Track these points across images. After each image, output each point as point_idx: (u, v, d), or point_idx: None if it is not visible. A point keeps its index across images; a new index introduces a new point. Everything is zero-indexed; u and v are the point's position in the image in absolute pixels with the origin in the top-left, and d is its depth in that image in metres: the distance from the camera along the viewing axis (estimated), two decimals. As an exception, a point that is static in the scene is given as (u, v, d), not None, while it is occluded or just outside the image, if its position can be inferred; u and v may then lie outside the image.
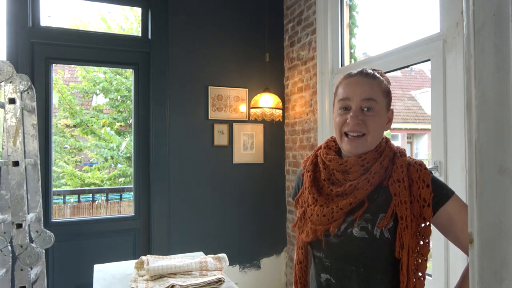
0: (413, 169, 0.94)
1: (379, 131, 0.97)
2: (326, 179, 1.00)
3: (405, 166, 0.94)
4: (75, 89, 5.99)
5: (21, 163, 1.68)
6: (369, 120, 0.95)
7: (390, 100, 1.01)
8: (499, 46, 0.38)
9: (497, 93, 0.39)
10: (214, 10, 3.01)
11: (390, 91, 1.01)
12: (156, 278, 1.49)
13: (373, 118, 0.95)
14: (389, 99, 1.00)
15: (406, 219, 0.89)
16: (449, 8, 1.66)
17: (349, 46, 2.61)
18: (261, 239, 3.15)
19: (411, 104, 9.03)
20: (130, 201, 5.13)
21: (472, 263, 0.39)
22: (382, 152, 0.97)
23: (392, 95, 1.02)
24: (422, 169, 0.93)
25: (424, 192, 0.90)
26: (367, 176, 0.93)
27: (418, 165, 0.94)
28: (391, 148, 0.99)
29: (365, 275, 0.92)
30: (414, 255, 0.90)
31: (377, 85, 0.97)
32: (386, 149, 0.98)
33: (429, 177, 0.92)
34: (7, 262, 1.62)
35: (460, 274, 1.59)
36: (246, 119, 3.08)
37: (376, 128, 0.96)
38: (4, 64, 1.67)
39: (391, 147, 1.00)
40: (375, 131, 0.96)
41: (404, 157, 0.96)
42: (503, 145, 0.39)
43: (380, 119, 0.97)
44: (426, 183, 0.91)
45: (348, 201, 0.93)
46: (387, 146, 0.99)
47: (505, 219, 0.40)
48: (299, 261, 1.08)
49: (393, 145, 1.02)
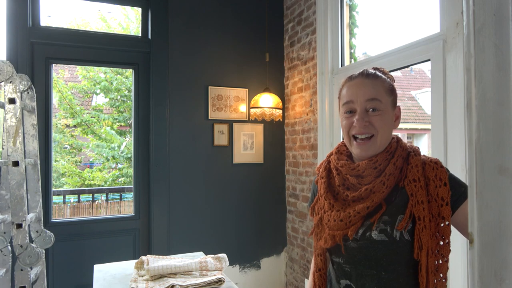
0: (429, 168, 0.91)
1: (387, 130, 0.95)
2: (341, 184, 0.99)
3: (420, 165, 0.92)
4: (75, 88, 5.99)
5: (21, 163, 1.68)
6: (376, 120, 0.94)
7: (396, 97, 0.99)
8: (499, 46, 0.38)
9: (497, 93, 0.39)
10: (214, 10, 3.01)
11: (394, 88, 0.99)
12: (156, 278, 1.49)
13: (380, 118, 0.94)
14: (394, 96, 0.98)
15: (424, 219, 0.87)
16: (449, 8, 1.66)
17: (349, 46, 2.61)
18: (261, 239, 3.15)
19: (411, 104, 9.03)
20: (130, 201, 5.13)
21: (472, 263, 0.39)
22: (394, 152, 0.95)
23: (396, 94, 1.01)
24: (439, 167, 0.91)
25: (442, 190, 0.88)
26: (381, 178, 0.92)
27: (434, 163, 0.91)
28: (403, 147, 0.97)
29: (386, 279, 0.90)
30: (433, 256, 0.89)
31: (379, 84, 0.96)
32: (398, 148, 0.96)
33: (446, 175, 0.89)
34: (7, 262, 1.62)
35: (460, 274, 1.59)
36: (246, 119, 3.08)
37: (384, 128, 0.94)
38: (4, 64, 1.67)
39: (404, 146, 0.98)
40: (383, 130, 0.94)
41: (418, 156, 0.94)
42: (503, 145, 0.39)
43: (387, 118, 0.95)
44: (444, 181, 0.88)
45: (365, 205, 0.91)
46: (399, 145, 0.97)
47: (505, 219, 0.40)
48: (318, 268, 1.05)
49: (405, 144, 0.99)
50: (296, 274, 3.05)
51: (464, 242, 1.57)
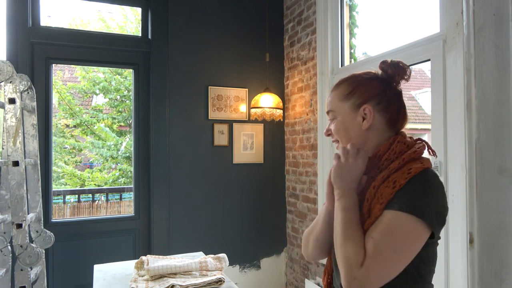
0: (401, 171, 0.89)
1: (350, 134, 0.98)
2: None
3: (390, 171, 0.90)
4: (74, 89, 5.99)
5: (21, 163, 1.68)
6: (335, 128, 1.00)
7: (359, 98, 0.97)
8: (499, 46, 0.38)
9: (497, 93, 0.39)
10: (214, 10, 3.01)
11: (354, 91, 0.97)
12: (156, 278, 1.50)
13: (335, 124, 1.00)
14: (355, 99, 0.97)
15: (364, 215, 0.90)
16: (449, 8, 1.66)
17: (349, 46, 2.61)
18: (261, 239, 3.15)
19: (411, 104, 9.01)
20: (130, 201, 5.13)
21: (472, 263, 0.40)
22: (382, 156, 0.94)
23: (367, 90, 0.97)
24: (406, 171, 0.87)
25: (387, 191, 0.87)
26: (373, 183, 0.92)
27: (409, 171, 0.87)
28: (396, 152, 0.93)
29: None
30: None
31: (335, 95, 1.01)
32: (388, 152, 0.93)
33: (404, 180, 0.86)
34: (7, 262, 1.62)
35: (460, 274, 1.59)
36: (246, 119, 3.08)
37: (341, 132, 0.99)
38: (4, 64, 1.67)
39: (399, 150, 0.93)
40: (340, 135, 0.99)
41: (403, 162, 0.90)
42: (503, 145, 0.39)
43: (344, 122, 0.98)
44: (396, 184, 0.86)
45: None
46: (391, 149, 0.93)
47: (505, 219, 0.40)
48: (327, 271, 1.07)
49: (405, 147, 0.93)
50: (296, 274, 3.05)
51: (464, 242, 1.57)
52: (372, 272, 0.80)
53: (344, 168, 0.93)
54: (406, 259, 0.82)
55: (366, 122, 0.95)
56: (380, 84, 0.97)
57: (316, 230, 1.04)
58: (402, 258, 0.82)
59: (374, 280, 0.81)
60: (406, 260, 0.82)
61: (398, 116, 0.97)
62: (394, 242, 0.81)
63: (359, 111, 0.96)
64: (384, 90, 0.97)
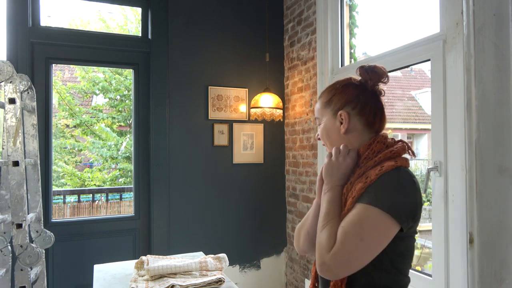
0: (374, 170, 0.94)
1: (329, 136, 1.08)
2: None
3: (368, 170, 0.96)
4: (74, 89, 5.99)
5: (21, 163, 1.68)
6: (320, 132, 1.11)
7: (337, 104, 1.05)
8: (499, 46, 0.38)
9: (497, 93, 0.39)
10: (214, 10, 3.01)
11: (332, 98, 1.07)
12: (156, 278, 1.50)
13: (321, 130, 1.10)
14: (333, 104, 1.06)
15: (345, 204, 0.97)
16: (449, 8, 1.66)
17: (349, 46, 2.61)
18: (261, 239, 3.15)
19: (411, 104, 9.02)
20: (130, 201, 5.13)
21: (472, 263, 0.40)
22: (361, 156, 1.01)
23: (342, 97, 1.05)
24: (379, 173, 0.93)
25: (359, 186, 0.93)
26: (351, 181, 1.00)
27: (381, 169, 0.93)
28: (375, 151, 0.99)
29: None
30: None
31: (318, 103, 1.11)
32: (368, 152, 1.00)
33: (374, 178, 0.92)
34: (7, 262, 1.62)
35: (460, 274, 1.59)
36: (246, 119, 3.08)
37: (324, 135, 1.09)
38: (4, 64, 1.67)
39: (377, 149, 0.99)
40: (324, 138, 1.10)
41: (370, 162, 0.98)
42: (503, 145, 0.39)
43: (327, 127, 1.08)
44: (368, 180, 0.92)
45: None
46: (370, 149, 1.00)
47: (505, 219, 0.40)
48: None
49: (383, 147, 0.99)
50: (296, 274, 3.05)
51: (464, 242, 1.57)
52: (338, 257, 0.87)
53: (334, 166, 1.01)
54: (373, 249, 0.88)
55: (343, 126, 1.03)
56: (355, 90, 1.05)
57: (307, 224, 1.10)
58: (368, 247, 0.88)
59: (341, 265, 0.88)
60: (373, 250, 0.88)
61: (375, 118, 1.03)
62: (361, 231, 0.87)
63: (337, 116, 1.04)
64: (359, 95, 1.03)
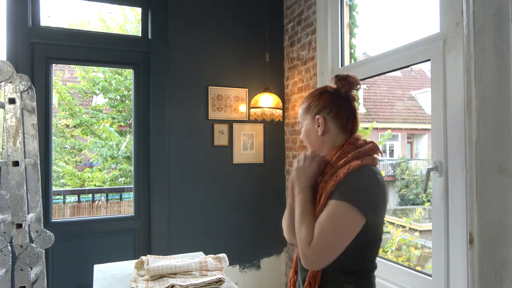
0: (343, 169, 1.08)
1: (311, 140, 1.23)
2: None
3: (337, 167, 1.10)
4: (74, 89, 5.99)
5: (21, 163, 1.68)
6: (302, 135, 1.27)
7: (314, 110, 1.20)
8: (499, 46, 0.38)
9: (497, 93, 0.39)
10: (214, 10, 3.01)
11: (310, 105, 1.22)
12: (156, 278, 1.50)
13: (303, 132, 1.25)
14: (311, 110, 1.21)
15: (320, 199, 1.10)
16: (449, 8, 1.66)
17: (349, 46, 2.61)
18: (261, 239, 3.15)
19: (411, 104, 9.02)
20: (130, 201, 5.13)
21: (472, 263, 0.40)
22: (334, 156, 1.15)
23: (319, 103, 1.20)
24: (347, 172, 1.06)
25: (331, 184, 1.07)
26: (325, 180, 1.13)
27: (349, 167, 1.07)
28: (346, 151, 1.13)
29: None
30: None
31: (300, 109, 1.27)
32: (339, 152, 1.14)
33: (343, 175, 1.05)
34: (7, 262, 1.62)
35: (460, 274, 1.59)
36: (246, 119, 3.08)
37: (305, 137, 1.25)
38: (4, 64, 1.67)
39: (348, 150, 1.13)
40: (305, 140, 1.25)
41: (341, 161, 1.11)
42: (503, 145, 0.39)
43: (307, 130, 1.23)
44: (338, 178, 1.06)
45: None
46: (342, 150, 1.14)
47: (505, 219, 0.40)
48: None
49: (354, 148, 1.13)
50: (296, 274, 3.05)
51: (464, 242, 1.57)
52: (317, 250, 1.01)
53: (301, 170, 1.15)
54: (345, 239, 1.02)
55: (320, 129, 1.18)
56: (330, 97, 1.20)
57: (286, 219, 1.32)
58: (342, 238, 1.02)
59: (320, 256, 1.01)
60: (345, 240, 1.02)
61: (348, 121, 1.18)
62: (335, 226, 1.01)
63: (315, 120, 1.19)
64: (333, 101, 1.19)
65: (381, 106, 8.38)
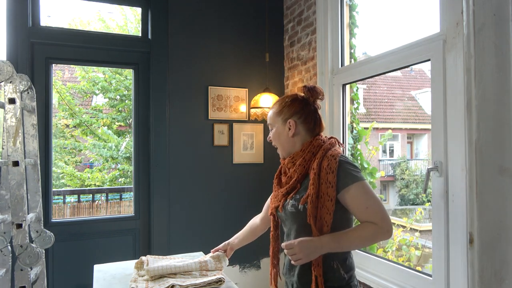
0: (326, 160, 1.26)
1: (280, 139, 1.41)
2: (283, 173, 1.47)
3: (320, 158, 1.28)
4: (74, 89, 5.98)
5: (21, 163, 1.68)
6: (272, 135, 1.44)
7: (286, 114, 1.38)
8: (499, 46, 0.38)
9: (497, 93, 0.39)
10: (214, 10, 3.01)
11: (282, 110, 1.39)
12: (156, 278, 1.50)
13: (274, 133, 1.42)
14: (283, 115, 1.39)
15: (312, 196, 1.24)
16: (449, 8, 1.66)
17: (349, 46, 2.61)
18: (261, 239, 3.14)
19: (411, 104, 9.02)
20: (130, 201, 5.13)
21: (472, 263, 0.39)
22: (306, 149, 1.34)
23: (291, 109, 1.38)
24: (332, 159, 1.25)
25: (330, 177, 1.23)
26: (295, 168, 1.35)
27: (330, 156, 1.26)
28: (315, 145, 1.33)
29: (297, 235, 1.33)
30: (320, 221, 1.25)
31: (271, 112, 1.43)
32: (309, 146, 1.33)
33: (335, 166, 1.24)
34: (7, 262, 1.62)
35: (460, 274, 1.59)
36: (246, 119, 3.08)
37: (275, 138, 1.42)
38: (4, 64, 1.67)
39: (317, 144, 1.34)
40: (275, 140, 1.43)
41: (322, 151, 1.30)
42: (503, 145, 0.39)
43: (277, 131, 1.41)
44: (332, 169, 1.23)
45: (286, 187, 1.37)
46: (311, 144, 1.34)
47: (505, 219, 0.40)
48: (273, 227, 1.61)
49: (321, 142, 1.34)
50: (296, 274, 3.05)
51: (464, 242, 1.57)
52: (385, 219, 1.19)
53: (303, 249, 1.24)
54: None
55: (291, 131, 1.37)
56: (300, 103, 1.39)
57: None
58: (380, 200, 1.24)
59: (388, 219, 1.20)
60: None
61: (315, 126, 1.39)
62: (372, 196, 1.22)
63: (287, 124, 1.38)
64: (303, 108, 1.38)
65: (381, 106, 8.39)
